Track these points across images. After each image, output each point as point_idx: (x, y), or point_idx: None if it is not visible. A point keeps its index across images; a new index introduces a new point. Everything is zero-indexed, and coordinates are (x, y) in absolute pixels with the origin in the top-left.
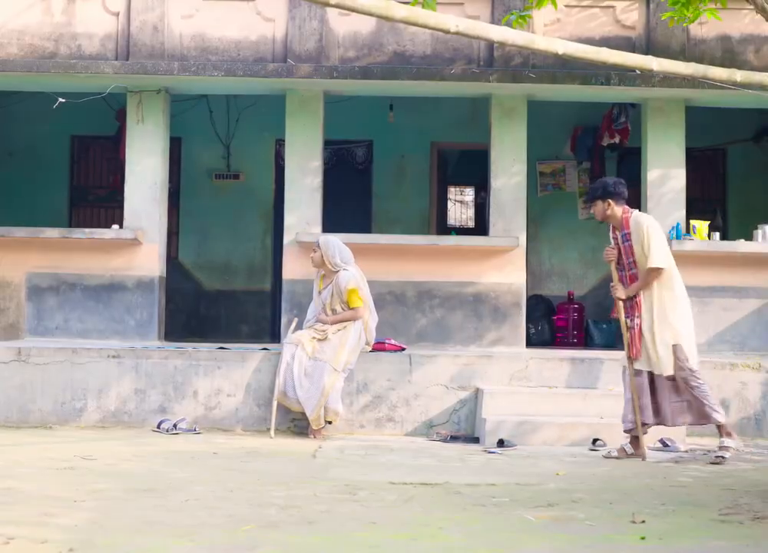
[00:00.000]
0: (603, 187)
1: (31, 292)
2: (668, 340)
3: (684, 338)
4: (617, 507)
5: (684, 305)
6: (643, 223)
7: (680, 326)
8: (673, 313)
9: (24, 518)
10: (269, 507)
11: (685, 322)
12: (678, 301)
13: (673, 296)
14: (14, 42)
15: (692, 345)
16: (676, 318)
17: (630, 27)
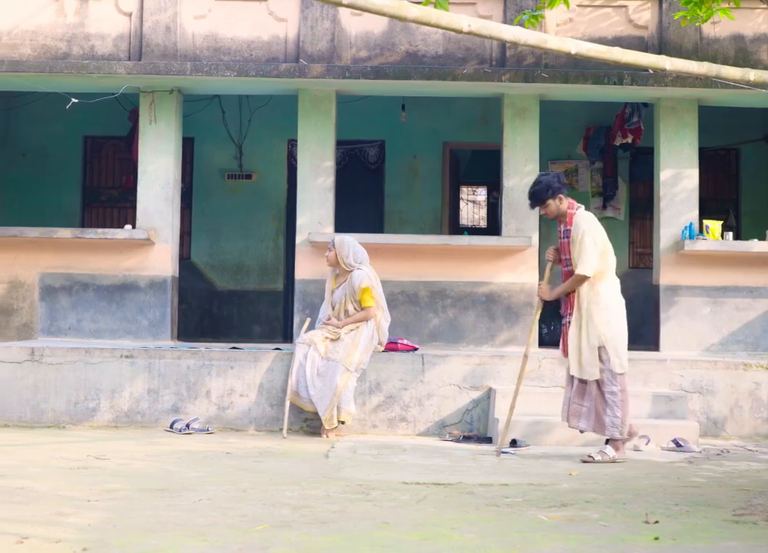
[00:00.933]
0: (549, 186)
1: (44, 292)
2: (594, 342)
3: (610, 341)
4: (631, 507)
5: (614, 308)
6: (581, 225)
7: (606, 330)
8: (599, 316)
9: (38, 518)
10: (282, 507)
11: (612, 325)
12: (606, 304)
13: (601, 299)
14: (27, 43)
15: (618, 349)
16: (603, 321)
17: (642, 26)
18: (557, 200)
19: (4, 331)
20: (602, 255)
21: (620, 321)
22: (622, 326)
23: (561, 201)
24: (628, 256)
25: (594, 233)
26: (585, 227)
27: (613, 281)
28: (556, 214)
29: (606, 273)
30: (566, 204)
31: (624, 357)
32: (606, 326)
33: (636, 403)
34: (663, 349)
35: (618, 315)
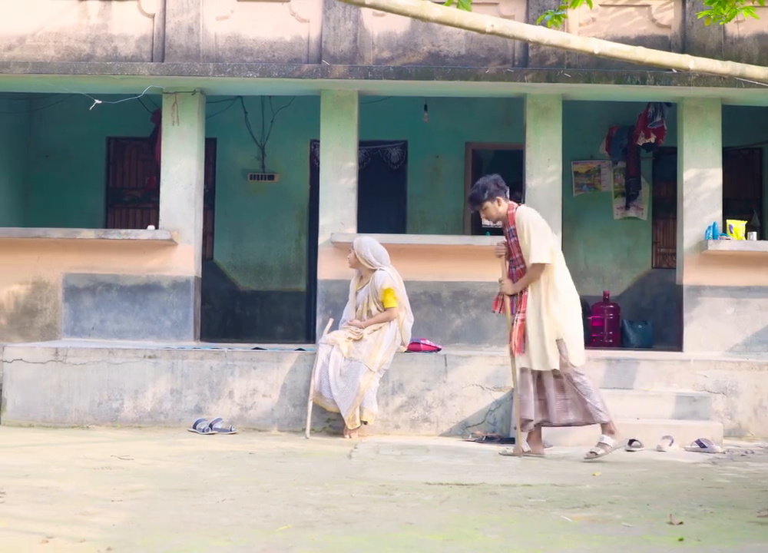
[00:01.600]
0: (485, 189)
1: (68, 292)
2: (552, 335)
3: (567, 334)
4: (654, 508)
5: (569, 301)
6: (522, 218)
7: (563, 322)
8: (556, 308)
9: (63, 517)
10: (306, 507)
11: (568, 317)
12: (562, 297)
13: (557, 292)
14: (51, 44)
15: (575, 341)
16: (559, 313)
17: (665, 26)
18: (495, 202)
19: (28, 331)
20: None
21: (575, 315)
22: (578, 319)
23: (500, 204)
24: (651, 257)
25: (536, 222)
26: (526, 219)
27: (567, 275)
28: (496, 217)
29: (557, 267)
30: (505, 206)
31: (580, 350)
32: (564, 319)
33: (659, 404)
34: (687, 349)
35: (574, 309)
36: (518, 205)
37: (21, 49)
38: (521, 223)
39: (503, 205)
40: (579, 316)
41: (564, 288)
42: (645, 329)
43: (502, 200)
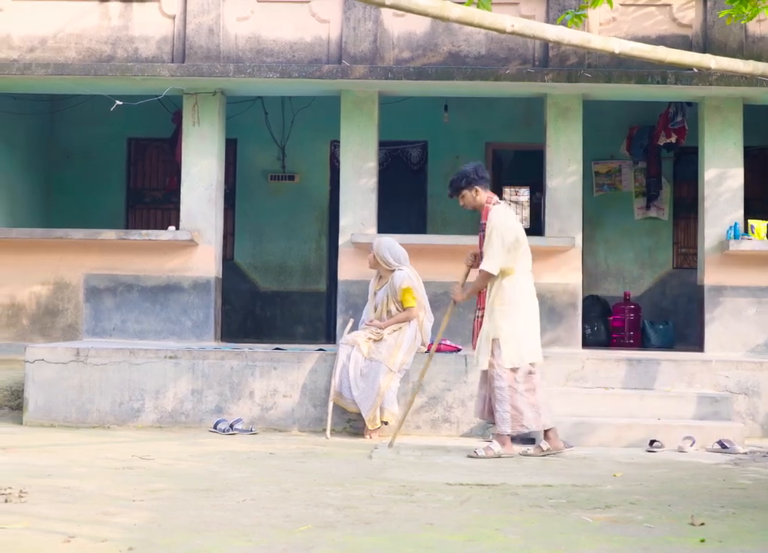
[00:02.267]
0: (465, 176)
1: (89, 293)
2: (489, 335)
3: (503, 335)
4: (676, 509)
5: (517, 304)
6: (492, 220)
7: (502, 323)
8: (498, 309)
9: (84, 517)
10: (326, 507)
11: (509, 319)
12: (507, 298)
13: (503, 293)
14: (72, 46)
15: (511, 344)
16: (500, 314)
17: (686, 25)
18: (472, 191)
19: (50, 332)
20: (512, 251)
21: (521, 318)
22: (524, 322)
23: (477, 193)
24: (672, 257)
25: (502, 230)
26: (495, 223)
27: (524, 278)
28: (472, 205)
29: (516, 270)
30: (483, 197)
31: (521, 353)
32: (504, 320)
33: (680, 404)
34: (708, 349)
35: (521, 312)
36: (496, 201)
37: (42, 51)
38: (490, 225)
39: (481, 195)
40: (525, 319)
41: (512, 290)
42: (666, 329)
43: (480, 189)
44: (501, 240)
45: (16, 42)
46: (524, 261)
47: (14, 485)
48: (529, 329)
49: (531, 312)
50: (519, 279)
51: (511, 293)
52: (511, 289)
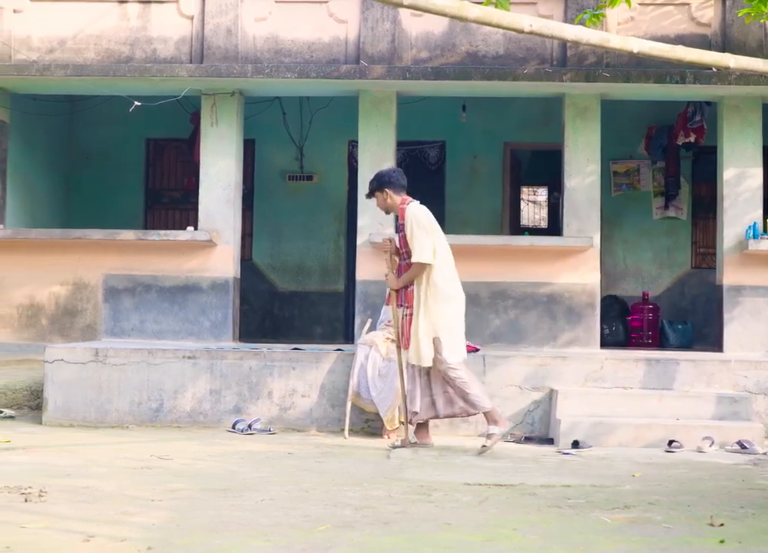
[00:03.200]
0: (378, 178)
1: (108, 293)
2: (429, 333)
3: (442, 331)
4: (695, 509)
5: (448, 299)
6: (409, 217)
7: (439, 320)
8: (434, 307)
9: (103, 517)
10: (344, 507)
11: (445, 316)
12: (441, 296)
13: (436, 291)
14: (91, 47)
15: (451, 339)
16: (436, 312)
17: (705, 24)
18: (383, 193)
19: (68, 332)
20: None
21: (454, 313)
22: (456, 318)
23: (388, 196)
24: (691, 256)
25: (422, 221)
26: (413, 218)
27: (449, 275)
28: (384, 207)
29: (443, 266)
30: (397, 200)
31: (458, 347)
32: (440, 318)
33: (699, 404)
34: (727, 349)
35: (453, 307)
36: (411, 201)
37: (61, 52)
38: (408, 221)
39: (392, 198)
40: (458, 314)
41: (444, 287)
42: (685, 329)
43: (391, 193)
44: (423, 230)
45: (35, 43)
46: (447, 259)
47: (34, 484)
48: (459, 326)
49: (459, 310)
50: (447, 275)
51: (444, 289)
52: (443, 285)
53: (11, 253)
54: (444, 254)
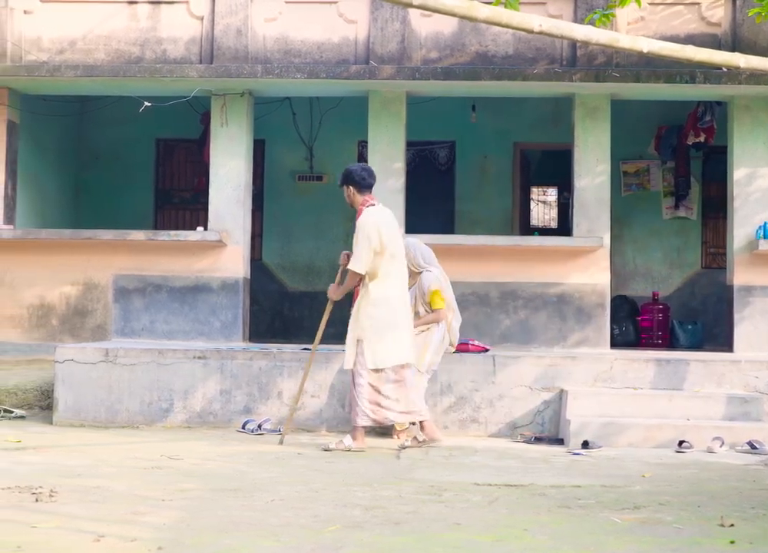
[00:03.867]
0: (345, 173)
1: (118, 293)
2: (354, 336)
3: (368, 336)
4: (705, 510)
5: (382, 306)
6: (360, 222)
7: (367, 325)
8: (364, 311)
9: (114, 517)
10: (354, 507)
11: (374, 322)
12: (373, 300)
13: (369, 295)
14: (101, 48)
15: (375, 345)
16: (366, 316)
17: (715, 24)
18: (348, 189)
19: (79, 332)
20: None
21: (383, 321)
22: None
23: (351, 193)
24: (701, 257)
25: (368, 231)
26: (361, 224)
27: (390, 282)
28: (349, 202)
29: (382, 274)
30: (359, 199)
31: (380, 355)
32: (368, 322)
33: (709, 405)
34: (737, 350)
35: (384, 314)
36: (371, 204)
37: (72, 52)
38: (358, 226)
39: (355, 196)
40: (389, 322)
41: (376, 292)
42: (695, 329)
43: (355, 190)
44: (367, 241)
45: (46, 44)
46: (393, 265)
47: (45, 484)
48: (394, 332)
49: (396, 316)
50: (386, 284)
51: (377, 296)
52: (376, 292)
53: (22, 253)
54: (390, 262)
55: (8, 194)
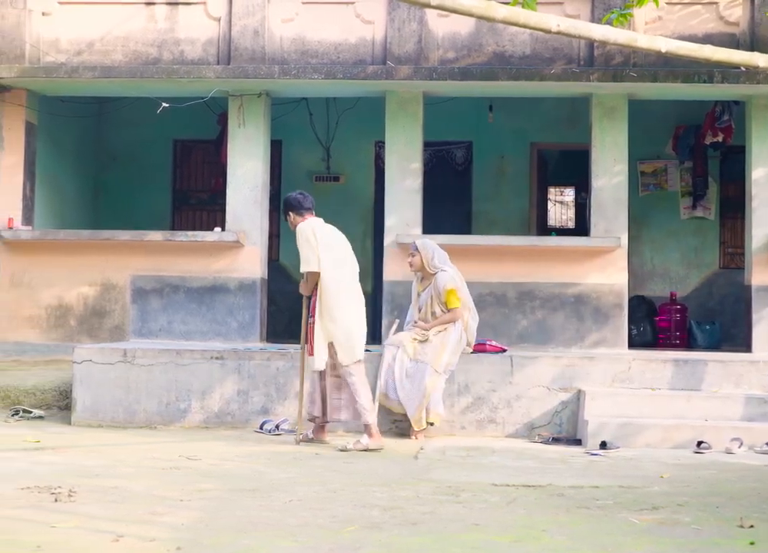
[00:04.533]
0: (284, 202)
1: (136, 294)
2: (323, 339)
3: (337, 337)
4: (724, 511)
5: (343, 307)
6: (297, 232)
7: (334, 327)
8: (329, 314)
9: (132, 517)
10: (372, 508)
11: (338, 321)
12: (332, 302)
13: (328, 298)
14: (119, 49)
15: (345, 343)
16: (329, 318)
17: (733, 23)
18: (289, 216)
19: (97, 333)
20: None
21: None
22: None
23: (292, 218)
24: (719, 257)
25: (306, 235)
26: (299, 231)
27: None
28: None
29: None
30: (297, 220)
31: (353, 350)
32: (332, 324)
33: (728, 405)
34: (756, 350)
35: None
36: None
37: (89, 54)
38: (297, 235)
39: (296, 219)
40: (352, 319)
41: (336, 295)
42: (713, 329)
43: (293, 214)
44: (307, 242)
45: (64, 45)
46: (347, 271)
47: (64, 484)
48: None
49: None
50: (341, 287)
51: (335, 299)
52: (334, 295)
53: (40, 254)
54: (338, 263)
55: (26, 195)
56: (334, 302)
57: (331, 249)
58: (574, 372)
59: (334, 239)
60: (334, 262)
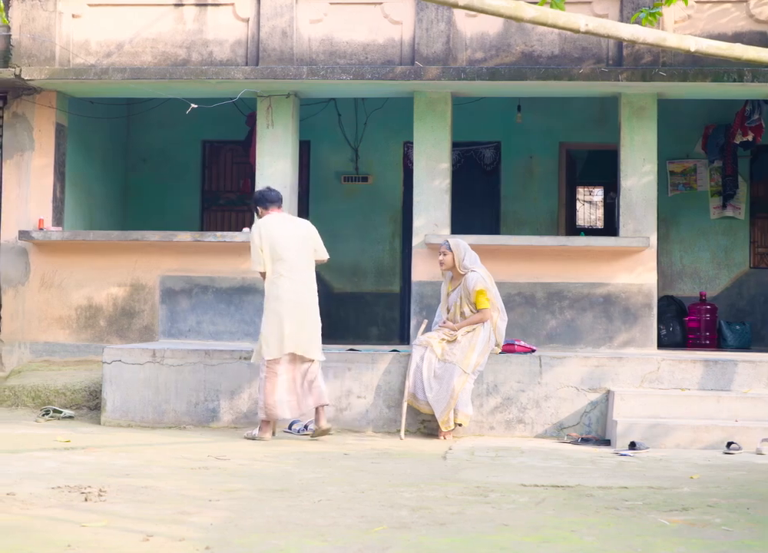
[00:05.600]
0: (252, 199)
1: (165, 295)
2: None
3: (262, 332)
4: (755, 512)
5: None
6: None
7: (263, 324)
8: (266, 307)
9: (162, 516)
10: (401, 508)
11: (265, 318)
12: (267, 299)
13: (267, 293)
14: (147, 51)
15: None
16: (265, 311)
17: (764, 21)
18: (258, 211)
19: (126, 333)
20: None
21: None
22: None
23: (260, 212)
24: (749, 256)
25: (252, 236)
26: (252, 230)
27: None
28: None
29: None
30: (264, 214)
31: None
32: (266, 317)
33: (758, 406)
34: None
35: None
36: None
37: (119, 56)
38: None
39: (261, 213)
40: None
41: (269, 291)
42: (743, 329)
43: (260, 209)
44: (252, 244)
45: (93, 47)
46: (284, 266)
47: (94, 484)
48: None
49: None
50: (276, 282)
51: (269, 294)
52: (269, 291)
53: (70, 255)
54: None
55: (56, 196)
56: (270, 296)
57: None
58: (603, 373)
59: (279, 234)
60: (280, 260)
